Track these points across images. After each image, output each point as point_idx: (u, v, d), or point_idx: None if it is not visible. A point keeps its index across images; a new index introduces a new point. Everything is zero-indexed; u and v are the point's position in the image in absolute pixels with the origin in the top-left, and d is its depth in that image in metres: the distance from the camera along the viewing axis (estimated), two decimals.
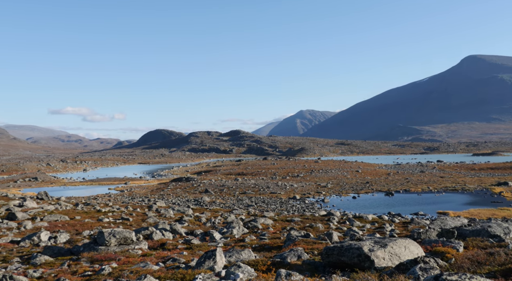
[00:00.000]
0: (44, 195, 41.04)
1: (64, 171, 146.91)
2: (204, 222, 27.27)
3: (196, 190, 68.84)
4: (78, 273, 12.51)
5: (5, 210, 28.67)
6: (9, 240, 19.24)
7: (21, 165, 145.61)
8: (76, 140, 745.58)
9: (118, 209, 33.98)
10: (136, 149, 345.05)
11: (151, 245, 17.06)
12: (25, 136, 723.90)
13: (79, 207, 34.73)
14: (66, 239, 19.42)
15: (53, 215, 27.01)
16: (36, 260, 14.56)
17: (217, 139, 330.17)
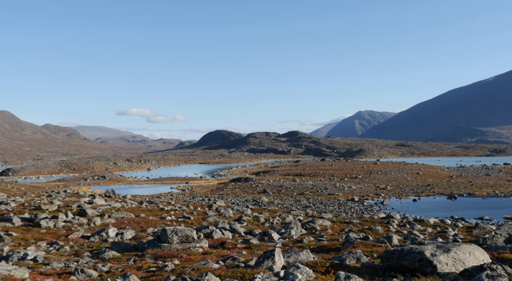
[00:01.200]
0: (111, 193, 43.07)
1: (129, 170, 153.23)
2: (262, 222, 27.52)
3: (255, 190, 69.45)
4: (143, 268, 13.06)
5: (76, 207, 30.44)
6: (80, 235, 20.43)
7: (90, 164, 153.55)
8: (140, 140, 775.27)
9: (180, 207, 35.02)
10: (196, 149, 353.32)
11: (211, 244, 17.45)
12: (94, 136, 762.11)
13: (143, 205, 36.14)
14: (131, 235, 20.30)
15: (119, 212, 28.33)
16: (105, 255, 15.35)
17: (275, 140, 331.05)
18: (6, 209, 29.26)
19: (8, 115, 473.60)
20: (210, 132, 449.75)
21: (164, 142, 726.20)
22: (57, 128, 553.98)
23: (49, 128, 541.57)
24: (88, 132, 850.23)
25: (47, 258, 15.44)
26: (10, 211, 28.40)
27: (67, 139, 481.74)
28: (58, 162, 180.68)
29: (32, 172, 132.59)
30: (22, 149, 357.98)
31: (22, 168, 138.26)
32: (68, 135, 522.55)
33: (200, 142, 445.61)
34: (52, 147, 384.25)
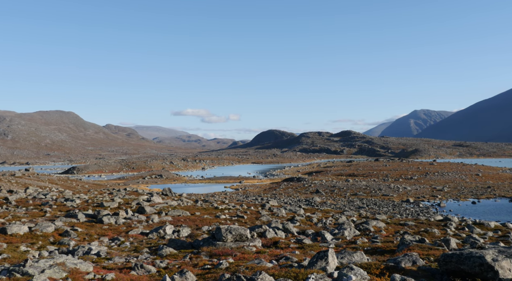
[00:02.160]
0: (168, 191, 44.41)
1: (185, 169, 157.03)
2: (315, 222, 27.43)
3: (307, 190, 69.17)
4: (198, 266, 13.43)
5: (135, 204, 31.67)
6: (139, 232, 21.28)
7: (148, 163, 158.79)
8: (195, 140, 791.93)
9: (233, 206, 35.56)
10: (249, 149, 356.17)
11: (265, 243, 17.63)
12: (151, 136, 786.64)
13: (198, 204, 37.00)
14: (187, 233, 20.88)
15: (176, 210, 29.19)
16: (162, 252, 15.91)
17: (327, 139, 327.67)
18: (72, 206, 30.95)
19: (73, 116, 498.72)
20: (263, 131, 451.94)
21: (218, 142, 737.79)
22: (117, 128, 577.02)
23: (110, 128, 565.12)
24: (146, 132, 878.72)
25: (109, 253, 16.21)
26: (75, 207, 30.03)
27: (126, 139, 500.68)
28: (118, 161, 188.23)
29: (95, 170, 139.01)
30: (85, 148, 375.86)
31: (86, 167, 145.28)
32: (128, 135, 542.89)
33: (253, 142, 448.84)
34: (112, 147, 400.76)
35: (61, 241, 18.35)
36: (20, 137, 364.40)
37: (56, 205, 31.27)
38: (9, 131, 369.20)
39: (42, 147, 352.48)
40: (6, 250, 15.87)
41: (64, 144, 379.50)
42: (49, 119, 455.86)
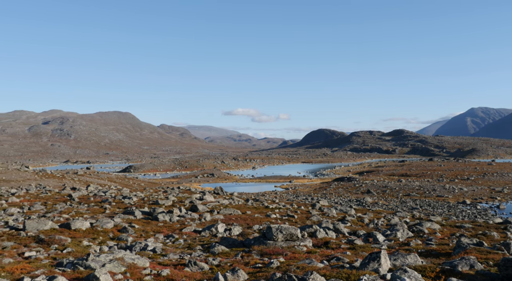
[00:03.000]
0: (219, 190, 45.20)
1: (235, 168, 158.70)
2: (366, 223, 27.05)
3: (358, 190, 68.09)
4: (250, 264, 13.65)
5: (189, 203, 32.50)
6: (192, 229, 21.86)
7: (200, 162, 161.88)
8: (246, 139, 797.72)
9: (284, 206, 35.68)
10: (299, 148, 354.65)
11: (315, 243, 17.63)
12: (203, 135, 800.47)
13: (249, 203, 37.40)
14: (238, 232, 21.22)
15: (227, 209, 29.70)
16: (215, 249, 16.29)
17: (379, 138, 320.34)
18: (129, 203, 32.23)
19: (130, 117, 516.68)
20: (313, 131, 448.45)
21: (268, 141, 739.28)
22: (171, 128, 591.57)
23: (164, 128, 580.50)
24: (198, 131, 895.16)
25: (164, 249, 16.79)
26: (132, 205, 31.24)
27: (179, 138, 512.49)
28: (172, 160, 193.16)
29: (150, 169, 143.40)
30: (141, 147, 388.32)
31: (142, 166, 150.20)
32: (181, 135, 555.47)
33: (303, 141, 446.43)
34: (166, 146, 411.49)
35: (119, 237, 19.20)
36: (82, 137, 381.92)
37: (114, 202, 32.68)
38: (72, 131, 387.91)
39: (102, 146, 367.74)
40: (70, 244, 16.84)
41: (122, 144, 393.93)
42: (107, 119, 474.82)
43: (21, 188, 47.07)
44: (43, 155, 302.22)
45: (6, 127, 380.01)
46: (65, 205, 30.39)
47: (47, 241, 17.01)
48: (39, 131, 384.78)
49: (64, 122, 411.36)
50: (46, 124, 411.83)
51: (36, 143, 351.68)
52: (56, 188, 51.52)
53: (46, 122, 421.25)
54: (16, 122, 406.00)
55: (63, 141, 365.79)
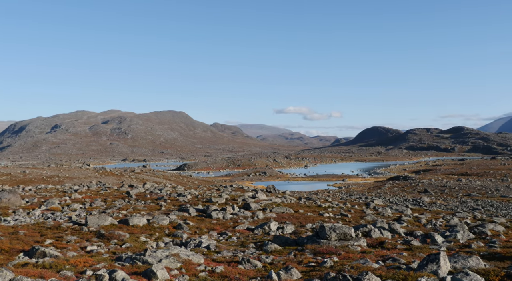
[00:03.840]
0: (272, 189, 45.31)
1: (287, 166, 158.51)
2: (424, 223, 26.16)
3: (415, 190, 66.05)
4: (303, 263, 13.58)
5: (241, 201, 32.81)
6: (245, 227, 22.04)
7: (252, 160, 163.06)
8: (298, 137, 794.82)
9: (337, 205, 35.24)
10: (352, 146, 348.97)
11: (370, 243, 17.28)
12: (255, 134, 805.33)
13: (301, 201, 37.22)
14: (291, 230, 21.17)
15: (280, 207, 29.71)
16: (268, 247, 16.33)
17: (436, 136, 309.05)
18: (183, 200, 32.99)
19: (184, 116, 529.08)
20: (366, 128, 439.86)
21: (320, 140, 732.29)
22: (223, 127, 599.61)
23: (217, 126, 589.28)
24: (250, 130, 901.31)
25: (218, 246, 17.04)
26: (187, 202, 31.95)
27: (232, 137, 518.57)
28: (225, 158, 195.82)
29: (203, 167, 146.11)
30: (194, 146, 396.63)
31: (195, 164, 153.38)
32: (233, 133, 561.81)
33: (356, 139, 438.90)
34: (219, 144, 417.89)
35: (175, 233, 19.69)
36: (138, 136, 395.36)
37: (170, 199, 33.56)
38: (129, 130, 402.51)
39: (157, 145, 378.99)
40: (128, 239, 17.47)
41: (176, 142, 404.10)
42: (162, 119, 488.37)
43: (83, 185, 49.41)
44: (102, 154, 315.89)
45: (69, 126, 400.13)
46: (123, 201, 31.56)
47: (107, 236, 17.73)
48: (99, 131, 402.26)
49: (122, 122, 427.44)
50: (105, 123, 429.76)
51: (96, 142, 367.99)
52: (114, 185, 53.67)
53: (105, 121, 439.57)
54: (78, 122, 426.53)
55: (121, 140, 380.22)
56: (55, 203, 28.57)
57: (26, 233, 17.87)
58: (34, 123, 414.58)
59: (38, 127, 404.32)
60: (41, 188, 43.15)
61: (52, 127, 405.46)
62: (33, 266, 11.84)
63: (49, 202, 28.72)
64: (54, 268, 11.61)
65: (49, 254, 13.38)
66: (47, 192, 38.83)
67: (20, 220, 22.08)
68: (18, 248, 14.64)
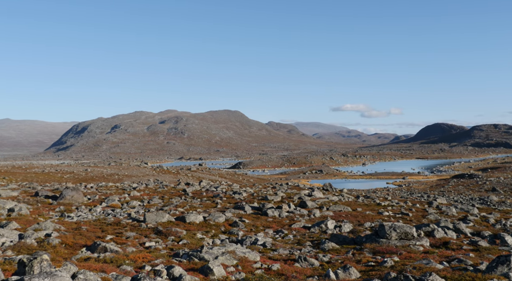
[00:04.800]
0: (328, 187, 44.60)
1: (344, 164, 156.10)
2: (492, 223, 24.67)
3: (481, 188, 62.79)
4: (361, 262, 13.15)
5: (297, 199, 32.50)
6: (301, 225, 21.74)
7: (308, 158, 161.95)
8: (355, 135, 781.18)
9: (397, 203, 34.09)
10: (413, 144, 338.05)
11: (433, 243, 16.50)
12: (311, 132, 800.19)
13: (359, 200, 36.36)
14: (349, 229, 20.64)
15: (337, 206, 29.13)
16: (325, 246, 15.98)
17: (506, 132, 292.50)
18: (239, 198, 33.16)
19: (239, 115, 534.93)
20: (428, 125, 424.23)
21: (379, 137, 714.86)
22: (279, 125, 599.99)
23: (272, 125, 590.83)
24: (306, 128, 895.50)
25: (274, 244, 16.88)
26: (242, 200, 32.07)
27: (287, 135, 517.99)
28: (280, 156, 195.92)
29: (258, 165, 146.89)
30: (250, 144, 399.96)
31: (250, 162, 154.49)
32: (288, 132, 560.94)
33: (417, 136, 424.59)
34: (274, 143, 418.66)
35: (230, 230, 19.75)
36: (194, 135, 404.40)
37: (225, 197, 33.85)
38: (185, 130, 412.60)
39: (213, 144, 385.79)
40: (185, 236, 17.69)
41: (231, 141, 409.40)
42: (218, 118, 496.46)
43: (141, 183, 51.01)
44: (159, 152, 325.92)
45: (128, 127, 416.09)
46: (180, 199, 32.18)
47: (164, 233, 18.06)
48: (156, 130, 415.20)
49: (178, 121, 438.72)
50: (163, 123, 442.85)
51: (153, 141, 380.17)
52: (171, 183, 55.02)
53: (162, 121, 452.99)
54: (137, 122, 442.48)
55: (177, 139, 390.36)
56: (115, 200, 29.60)
57: (88, 229, 18.56)
58: (95, 123, 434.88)
59: (99, 128, 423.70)
60: (102, 186, 44.97)
61: (112, 127, 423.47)
62: (95, 260, 12.22)
63: (110, 199, 29.80)
64: (114, 262, 11.92)
65: (109, 249, 13.77)
66: (108, 189, 40.39)
67: (82, 216, 23.03)
68: (81, 243, 15.20)
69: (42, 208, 25.89)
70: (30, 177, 58.06)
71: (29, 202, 27.80)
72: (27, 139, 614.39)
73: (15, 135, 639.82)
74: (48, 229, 17.37)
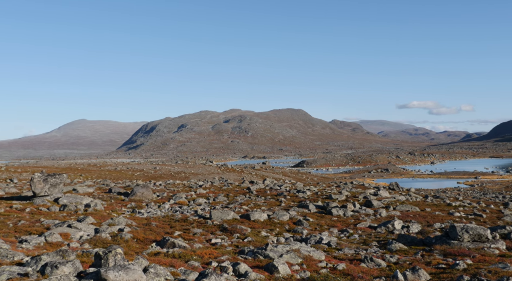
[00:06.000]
0: (395, 186, 43.34)
1: (412, 163, 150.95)
2: None
3: None
4: (431, 264, 12.68)
5: (362, 198, 31.89)
6: (367, 225, 21.30)
7: (373, 157, 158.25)
8: (423, 133, 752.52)
9: (469, 204, 32.49)
10: (486, 142, 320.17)
11: (510, 246, 15.57)
12: (376, 130, 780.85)
13: (428, 199, 35.04)
14: (417, 229, 19.96)
15: (404, 205, 28.26)
16: (392, 247, 15.56)
17: None
18: (303, 197, 33.07)
19: (302, 113, 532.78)
20: (503, 122, 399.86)
21: (449, 135, 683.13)
22: (343, 123, 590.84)
23: (336, 123, 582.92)
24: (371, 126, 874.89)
25: (339, 244, 16.69)
26: (306, 198, 31.97)
27: (351, 133, 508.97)
28: (344, 155, 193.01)
29: (322, 164, 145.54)
30: (313, 143, 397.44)
31: (314, 161, 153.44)
32: (352, 130, 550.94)
33: (490, 134, 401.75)
34: (338, 141, 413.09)
35: (295, 229, 19.75)
36: (258, 133, 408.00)
37: (289, 195, 33.88)
38: (249, 128, 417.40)
39: (276, 142, 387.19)
40: (250, 234, 17.93)
41: (294, 140, 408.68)
42: (281, 116, 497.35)
43: (207, 181, 52.26)
44: (224, 151, 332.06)
45: (194, 126, 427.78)
46: (244, 197, 32.62)
47: (230, 230, 18.40)
48: (221, 129, 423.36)
49: (242, 120, 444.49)
50: (227, 122, 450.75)
51: (218, 140, 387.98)
52: (236, 181, 55.88)
53: (226, 120, 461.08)
54: (202, 121, 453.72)
55: (241, 137, 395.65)
56: (182, 198, 30.55)
57: (158, 225, 19.30)
58: (163, 123, 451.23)
59: (167, 127, 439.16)
60: (169, 183, 46.53)
61: (178, 127, 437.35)
62: (164, 255, 12.71)
63: (177, 197, 30.80)
64: (182, 258, 12.34)
65: (177, 245, 14.25)
66: (175, 187, 41.73)
67: (152, 212, 23.99)
68: (151, 238, 15.86)
69: (115, 204, 27.27)
70: (104, 175, 61.43)
71: (103, 198, 29.37)
72: (101, 139, 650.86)
73: (90, 134, 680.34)
74: (121, 224, 18.29)
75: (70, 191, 32.10)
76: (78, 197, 25.95)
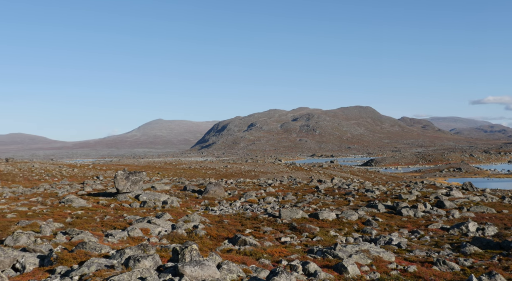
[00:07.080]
0: (468, 186, 41.46)
1: (487, 162, 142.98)
2: None
3: None
4: (510, 269, 12.24)
5: (434, 198, 30.91)
6: (439, 226, 20.73)
7: (445, 155, 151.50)
8: (499, 130, 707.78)
9: None
10: None
11: None
12: (448, 127, 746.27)
13: (505, 201, 33.23)
14: (494, 232, 19.17)
15: (478, 206, 27.08)
16: (466, 249, 15.13)
17: None
18: (371, 196, 32.63)
19: (370, 111, 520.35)
20: None
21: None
22: (412, 121, 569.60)
23: (405, 121, 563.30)
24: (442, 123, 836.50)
25: (409, 245, 16.46)
26: (375, 198, 31.52)
27: (421, 131, 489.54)
28: (414, 153, 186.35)
29: (391, 163, 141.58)
30: (382, 141, 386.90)
31: (383, 159, 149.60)
32: (423, 127, 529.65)
33: None
34: (408, 139, 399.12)
35: (364, 229, 19.69)
36: (326, 132, 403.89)
37: (357, 195, 33.56)
38: (317, 127, 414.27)
39: (344, 140, 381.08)
40: (319, 233, 18.15)
41: (363, 138, 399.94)
42: (349, 114, 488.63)
43: (276, 179, 52.84)
44: (292, 150, 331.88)
45: (263, 125, 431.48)
46: (312, 196, 32.76)
47: (298, 229, 18.73)
48: (289, 128, 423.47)
49: (310, 119, 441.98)
50: (295, 121, 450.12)
51: (286, 138, 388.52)
52: (304, 180, 56.00)
53: (294, 119, 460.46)
54: (271, 120, 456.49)
55: (309, 136, 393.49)
56: (252, 196, 31.26)
57: (229, 222, 20.04)
58: (233, 122, 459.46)
59: (237, 126, 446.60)
60: (240, 181, 47.59)
61: (248, 126, 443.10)
62: (236, 252, 13.28)
63: (247, 195, 31.56)
64: (253, 255, 12.83)
65: (249, 242, 14.80)
66: (245, 185, 42.64)
67: (224, 210, 24.86)
68: (223, 235, 16.56)
69: (189, 201, 28.54)
70: (179, 173, 64.09)
71: (178, 196, 30.83)
72: (176, 138, 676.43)
73: (166, 134, 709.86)
74: (195, 221, 19.22)
75: (149, 188, 34.00)
76: (156, 194, 27.46)
